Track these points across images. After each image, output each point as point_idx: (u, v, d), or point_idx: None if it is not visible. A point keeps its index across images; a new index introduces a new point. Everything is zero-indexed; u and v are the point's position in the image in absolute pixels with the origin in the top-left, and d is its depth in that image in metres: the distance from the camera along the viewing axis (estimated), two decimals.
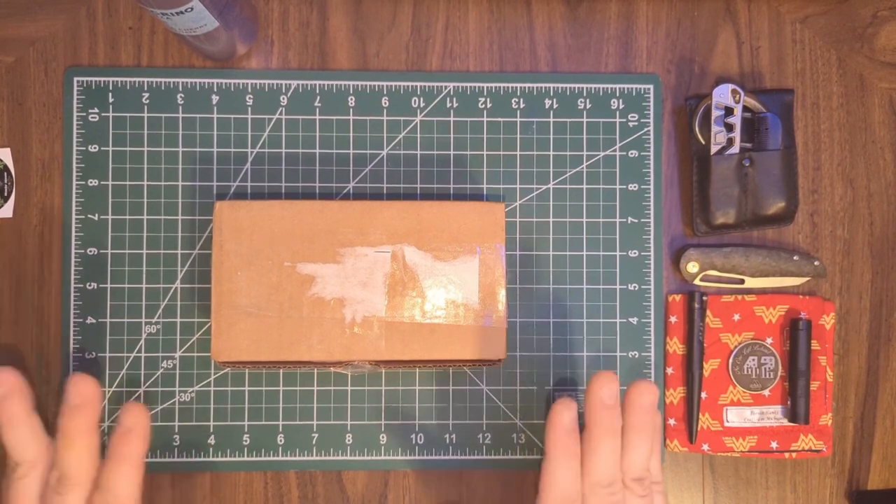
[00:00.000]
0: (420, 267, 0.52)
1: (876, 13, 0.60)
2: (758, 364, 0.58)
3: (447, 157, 0.58)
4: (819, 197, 0.59)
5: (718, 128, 0.56)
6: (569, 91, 0.58)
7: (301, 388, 0.57)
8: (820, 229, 0.59)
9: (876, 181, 0.59)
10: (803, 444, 0.58)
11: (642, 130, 0.59)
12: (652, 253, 0.58)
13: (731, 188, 0.56)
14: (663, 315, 0.58)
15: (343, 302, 0.52)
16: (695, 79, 0.59)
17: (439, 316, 0.52)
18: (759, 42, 0.59)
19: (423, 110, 0.58)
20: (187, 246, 0.57)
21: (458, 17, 0.59)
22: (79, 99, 0.57)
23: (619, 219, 0.58)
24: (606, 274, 0.58)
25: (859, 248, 0.59)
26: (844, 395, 0.59)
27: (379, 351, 0.51)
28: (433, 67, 0.59)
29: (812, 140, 0.59)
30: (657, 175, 0.59)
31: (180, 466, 0.56)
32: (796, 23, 0.60)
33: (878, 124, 0.59)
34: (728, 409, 0.58)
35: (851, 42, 0.60)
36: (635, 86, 0.59)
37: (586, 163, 0.58)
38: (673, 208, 0.59)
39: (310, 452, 0.57)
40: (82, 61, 0.58)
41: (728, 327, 0.58)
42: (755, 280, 0.58)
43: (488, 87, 0.58)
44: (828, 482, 0.58)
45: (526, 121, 0.58)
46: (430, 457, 0.57)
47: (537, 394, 0.57)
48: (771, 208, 0.57)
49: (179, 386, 0.56)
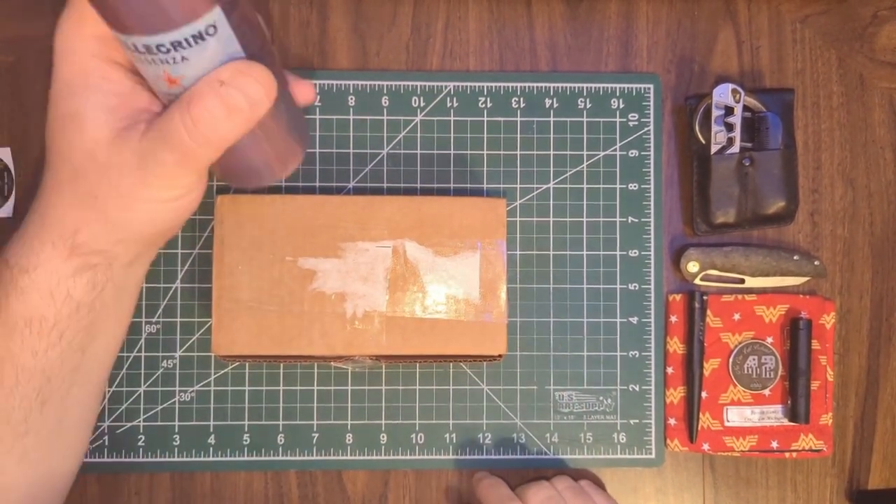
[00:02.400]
0: (421, 262, 0.52)
1: (876, 13, 0.60)
2: (758, 363, 0.58)
3: (447, 157, 0.58)
4: (819, 196, 0.59)
5: (718, 127, 0.56)
6: (569, 90, 0.58)
7: (301, 388, 0.57)
8: (820, 229, 0.59)
9: (876, 181, 0.59)
10: (804, 443, 0.57)
11: (642, 130, 0.59)
12: (652, 252, 0.58)
13: (731, 188, 0.56)
14: (663, 314, 0.58)
15: (344, 296, 0.51)
16: (695, 78, 0.59)
17: (440, 311, 0.52)
18: (759, 41, 0.59)
19: (423, 110, 0.58)
20: (188, 245, 0.57)
21: (457, 16, 0.59)
22: None
23: (619, 218, 0.58)
24: (607, 273, 0.58)
25: (859, 248, 0.59)
26: (845, 394, 0.59)
27: (380, 346, 0.51)
28: (433, 67, 0.59)
29: (812, 139, 0.59)
30: (657, 174, 0.59)
31: (180, 466, 0.56)
32: (796, 22, 0.60)
33: (879, 124, 0.59)
34: (728, 409, 0.58)
35: (851, 42, 0.60)
36: (635, 85, 0.59)
37: (586, 162, 0.58)
38: (673, 208, 0.59)
39: (310, 452, 0.57)
40: None
41: (728, 327, 0.58)
42: (755, 279, 0.58)
43: (488, 87, 0.58)
44: (828, 482, 0.58)
45: (526, 120, 0.58)
46: (430, 457, 0.57)
47: (537, 394, 0.57)
48: (771, 208, 0.57)
49: (179, 386, 0.56)
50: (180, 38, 0.35)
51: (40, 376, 0.42)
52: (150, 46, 0.35)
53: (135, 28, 0.35)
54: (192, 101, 0.37)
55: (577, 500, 0.52)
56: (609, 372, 0.58)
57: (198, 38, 0.35)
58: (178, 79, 0.37)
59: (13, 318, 0.41)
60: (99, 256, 0.42)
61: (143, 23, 0.34)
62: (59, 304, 0.41)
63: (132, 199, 0.40)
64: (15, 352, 0.41)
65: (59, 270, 0.41)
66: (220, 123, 0.38)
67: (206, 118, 0.37)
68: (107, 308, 0.44)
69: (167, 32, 0.35)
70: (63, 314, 0.41)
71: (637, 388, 0.58)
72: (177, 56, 0.36)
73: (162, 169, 0.39)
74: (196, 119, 0.37)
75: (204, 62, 0.37)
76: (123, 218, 0.41)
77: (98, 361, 0.46)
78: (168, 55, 0.36)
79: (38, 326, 0.41)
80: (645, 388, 0.58)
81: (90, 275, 0.42)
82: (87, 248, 0.41)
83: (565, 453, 0.57)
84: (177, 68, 0.36)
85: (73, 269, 0.41)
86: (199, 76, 0.37)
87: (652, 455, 0.58)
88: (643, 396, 0.58)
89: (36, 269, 0.41)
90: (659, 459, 0.58)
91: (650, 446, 0.58)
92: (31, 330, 0.41)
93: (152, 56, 0.36)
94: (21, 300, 0.41)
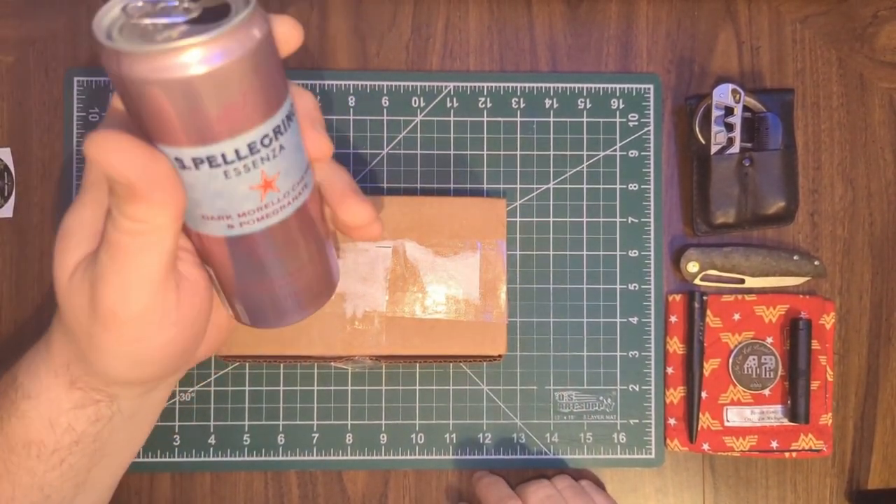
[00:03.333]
0: (421, 262, 0.52)
1: (876, 13, 0.60)
2: (758, 363, 0.58)
3: (447, 157, 0.58)
4: (819, 197, 0.59)
5: (718, 127, 0.56)
6: (569, 91, 0.59)
7: (301, 388, 0.57)
8: (820, 229, 0.59)
9: (876, 181, 0.59)
10: (803, 443, 0.57)
11: (642, 130, 0.59)
12: (652, 252, 0.58)
13: (731, 188, 0.56)
14: (663, 315, 0.58)
15: (344, 297, 0.51)
16: (695, 78, 0.59)
17: (440, 311, 0.52)
18: (759, 42, 0.59)
19: (423, 110, 0.58)
20: None
21: (458, 16, 0.59)
22: (79, 99, 0.57)
23: (619, 218, 0.58)
24: (606, 274, 0.58)
25: (859, 248, 0.59)
26: (844, 394, 0.59)
27: (380, 346, 0.51)
28: (433, 67, 0.59)
29: (812, 140, 0.59)
30: (657, 175, 0.59)
31: (180, 466, 0.56)
32: (796, 22, 0.60)
33: (879, 124, 0.59)
34: (728, 409, 0.58)
35: (852, 42, 0.60)
36: (635, 85, 0.59)
37: (586, 162, 0.58)
38: (673, 208, 0.59)
39: (310, 452, 0.57)
40: (83, 61, 0.58)
41: (728, 327, 0.58)
42: (755, 280, 0.58)
43: (488, 87, 0.58)
44: (828, 482, 0.58)
45: (526, 120, 0.58)
46: (430, 457, 0.57)
47: (537, 394, 0.57)
48: (771, 208, 0.57)
49: (180, 386, 0.56)
50: (281, 119, 0.31)
51: (38, 493, 0.39)
52: (254, 143, 0.30)
53: (243, 123, 0.30)
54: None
55: (577, 499, 0.52)
56: (609, 372, 0.58)
57: (291, 116, 0.32)
58: (275, 177, 0.32)
59: (13, 439, 0.39)
60: (100, 393, 0.39)
61: (257, 111, 0.30)
62: (60, 433, 0.38)
63: (98, 338, 0.35)
64: (12, 470, 0.39)
65: (61, 402, 0.38)
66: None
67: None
68: (116, 433, 0.40)
69: (275, 114, 0.31)
70: (64, 443, 0.39)
71: (637, 389, 0.58)
72: (276, 146, 0.31)
73: (102, 271, 0.33)
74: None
75: (294, 144, 0.33)
76: (101, 363, 0.36)
77: (107, 473, 0.43)
78: (269, 147, 0.31)
79: (38, 450, 0.39)
80: (645, 389, 0.58)
81: (94, 409, 0.39)
82: (84, 384, 0.38)
83: (565, 453, 0.57)
84: (276, 163, 0.32)
85: (74, 402, 0.38)
86: (290, 167, 0.33)
87: (652, 455, 0.58)
88: (643, 396, 0.58)
89: (38, 397, 0.38)
90: (659, 459, 0.58)
91: (650, 446, 0.58)
92: (30, 453, 0.39)
93: (248, 160, 0.31)
94: (21, 423, 0.38)
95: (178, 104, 0.28)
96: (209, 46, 0.27)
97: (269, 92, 0.30)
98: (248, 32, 0.28)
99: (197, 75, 0.27)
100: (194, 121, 0.29)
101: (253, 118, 0.30)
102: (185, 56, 0.27)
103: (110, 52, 0.28)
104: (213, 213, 0.32)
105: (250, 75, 0.29)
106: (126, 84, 0.28)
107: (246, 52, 0.28)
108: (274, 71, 0.30)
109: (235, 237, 0.33)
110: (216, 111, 0.28)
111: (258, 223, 0.33)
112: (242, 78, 0.28)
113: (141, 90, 0.28)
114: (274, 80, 0.30)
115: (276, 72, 0.31)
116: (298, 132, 0.33)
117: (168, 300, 0.34)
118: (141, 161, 0.29)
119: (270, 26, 0.30)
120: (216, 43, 0.27)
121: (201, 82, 0.28)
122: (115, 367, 0.36)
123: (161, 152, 0.30)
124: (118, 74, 0.28)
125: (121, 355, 0.36)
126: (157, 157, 0.30)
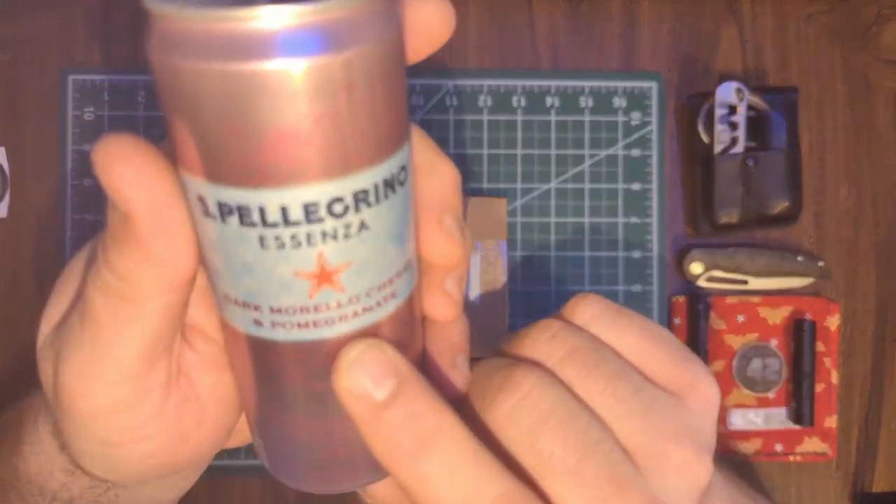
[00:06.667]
0: None
1: (880, 11, 0.59)
2: (762, 366, 0.57)
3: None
4: (823, 197, 0.59)
5: (722, 127, 0.55)
6: (570, 89, 0.58)
7: None
8: (824, 230, 0.59)
9: (881, 181, 0.59)
10: (808, 446, 0.57)
11: (645, 129, 0.58)
12: (655, 253, 0.58)
13: (734, 188, 0.56)
14: (667, 317, 0.58)
15: None
16: (698, 77, 0.59)
17: None
18: (762, 40, 0.59)
19: (422, 108, 0.57)
20: None
21: (458, 13, 0.58)
22: (74, 98, 0.57)
23: (621, 219, 0.58)
24: (609, 275, 0.57)
25: (864, 249, 0.59)
26: (849, 397, 0.58)
27: None
28: (432, 65, 0.58)
29: (816, 139, 0.59)
30: (660, 174, 0.58)
31: None
32: (800, 21, 0.59)
33: (884, 124, 0.59)
34: (732, 412, 0.57)
35: (856, 40, 0.59)
36: (638, 84, 0.58)
37: (588, 162, 0.58)
38: (676, 208, 0.58)
39: None
40: (77, 60, 0.57)
41: (732, 329, 0.57)
42: (759, 281, 0.57)
43: (489, 85, 0.58)
44: (832, 485, 0.58)
45: (527, 119, 0.58)
46: None
47: None
48: (775, 208, 0.56)
49: None
50: (377, 180, 0.20)
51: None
52: (315, 206, 0.19)
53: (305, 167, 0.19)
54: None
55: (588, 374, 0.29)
56: None
57: (398, 181, 0.21)
58: (340, 268, 0.20)
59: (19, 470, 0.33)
60: None
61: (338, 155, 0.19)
62: (58, 487, 0.32)
63: (63, 425, 0.27)
64: (24, 494, 0.33)
65: (54, 461, 0.31)
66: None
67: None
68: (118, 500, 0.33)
69: (368, 168, 0.19)
70: (63, 498, 0.32)
71: None
72: (354, 221, 0.20)
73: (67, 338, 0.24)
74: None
75: (390, 227, 0.21)
76: (73, 454, 0.28)
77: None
78: (341, 220, 0.19)
79: (39, 490, 0.33)
80: None
81: (88, 479, 0.30)
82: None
83: None
84: (348, 247, 0.20)
85: (66, 467, 0.31)
86: (372, 260, 0.21)
87: None
88: None
89: (33, 445, 0.32)
90: None
91: None
92: (32, 490, 0.32)
93: (300, 228, 0.19)
94: (22, 462, 0.33)
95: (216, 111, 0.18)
96: (308, 26, 0.17)
97: (369, 128, 0.19)
98: (383, 12, 0.19)
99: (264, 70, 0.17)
100: (230, 143, 0.18)
101: (325, 164, 0.19)
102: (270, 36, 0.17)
103: (154, 16, 0.19)
104: (238, 296, 0.21)
105: (361, 88, 0.18)
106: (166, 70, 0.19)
107: (376, 42, 0.18)
108: (392, 91, 0.20)
109: (262, 340, 0.22)
110: (269, 134, 0.18)
111: (298, 331, 0.21)
112: (338, 89, 0.18)
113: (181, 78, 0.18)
114: (386, 110, 0.20)
115: (395, 95, 0.20)
116: (408, 211, 0.22)
117: (149, 403, 0.24)
118: (150, 182, 0.20)
119: (402, 13, 0.20)
120: (326, 19, 0.17)
121: (271, 80, 0.17)
122: (87, 465, 0.28)
123: (182, 182, 0.20)
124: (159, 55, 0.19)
125: (89, 453, 0.27)
126: (172, 187, 0.21)
